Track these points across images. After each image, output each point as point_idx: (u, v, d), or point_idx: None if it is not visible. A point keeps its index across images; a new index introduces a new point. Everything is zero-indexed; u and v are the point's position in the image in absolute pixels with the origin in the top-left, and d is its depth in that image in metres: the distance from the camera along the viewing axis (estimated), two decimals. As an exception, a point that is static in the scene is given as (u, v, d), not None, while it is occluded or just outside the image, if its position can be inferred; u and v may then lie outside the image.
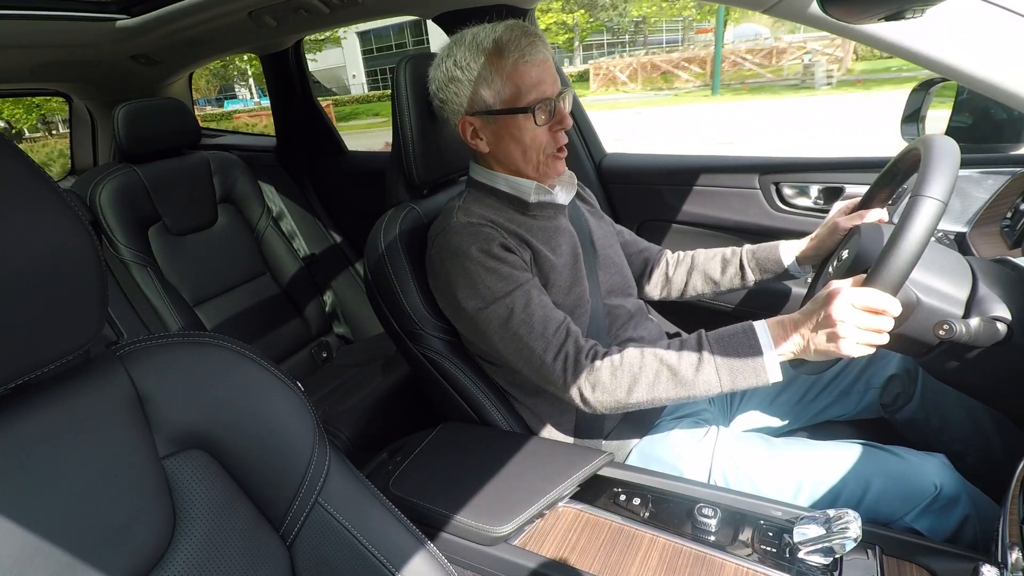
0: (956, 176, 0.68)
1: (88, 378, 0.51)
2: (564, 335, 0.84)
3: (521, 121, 0.89)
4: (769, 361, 0.76)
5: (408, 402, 1.51)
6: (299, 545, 0.58)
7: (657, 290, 1.20)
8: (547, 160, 0.93)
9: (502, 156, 0.94)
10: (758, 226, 1.48)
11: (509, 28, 0.87)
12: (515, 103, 0.88)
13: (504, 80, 0.87)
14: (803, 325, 0.74)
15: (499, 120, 0.90)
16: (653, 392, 0.79)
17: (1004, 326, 0.71)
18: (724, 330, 0.80)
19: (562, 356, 0.83)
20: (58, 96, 2.22)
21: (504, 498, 0.80)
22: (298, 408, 0.60)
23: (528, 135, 0.90)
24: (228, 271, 1.73)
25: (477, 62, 0.87)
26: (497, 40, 0.86)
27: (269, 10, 1.48)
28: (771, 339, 0.76)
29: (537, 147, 0.91)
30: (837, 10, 0.72)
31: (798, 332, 0.74)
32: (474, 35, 0.89)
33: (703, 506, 0.76)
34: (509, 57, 0.86)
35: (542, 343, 0.83)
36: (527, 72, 0.87)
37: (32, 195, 0.43)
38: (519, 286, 0.86)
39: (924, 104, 1.24)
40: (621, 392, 0.80)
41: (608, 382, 0.80)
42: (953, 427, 0.97)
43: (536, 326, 0.84)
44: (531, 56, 0.86)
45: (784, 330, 0.76)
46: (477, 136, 0.93)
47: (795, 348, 0.75)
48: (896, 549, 0.69)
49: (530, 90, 0.87)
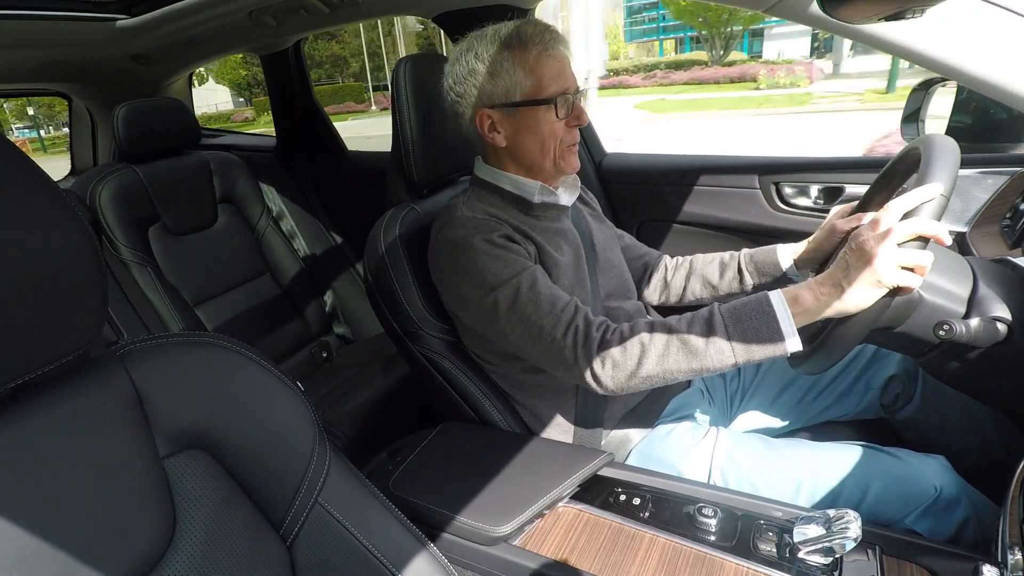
0: (957, 172, 0.69)
1: (88, 378, 0.50)
2: (573, 310, 0.82)
3: (542, 113, 0.89)
4: (785, 326, 0.72)
5: (408, 402, 1.51)
6: (299, 545, 0.58)
7: (656, 295, 1.20)
8: (563, 153, 0.93)
9: (519, 149, 0.94)
10: (758, 226, 1.48)
11: (531, 23, 0.89)
12: (537, 95, 0.89)
13: (526, 72, 0.88)
14: (832, 273, 0.70)
15: (519, 112, 0.90)
16: (664, 364, 0.76)
17: (1004, 326, 0.70)
18: (737, 301, 0.77)
19: (572, 331, 0.81)
20: (58, 96, 2.22)
21: (504, 498, 0.80)
22: (298, 408, 0.60)
23: (547, 127, 0.90)
24: (228, 271, 1.73)
25: (500, 55, 0.88)
26: (520, 33, 0.88)
27: (269, 10, 1.48)
28: (786, 301, 0.73)
29: (555, 140, 0.92)
30: (837, 10, 0.72)
31: (828, 281, 0.70)
32: (496, 30, 0.90)
33: (703, 506, 0.76)
34: (533, 50, 0.87)
35: (551, 319, 0.82)
36: (550, 65, 0.88)
37: (32, 195, 0.43)
38: (524, 269, 0.85)
39: (924, 104, 1.24)
40: (631, 364, 0.77)
41: (618, 355, 0.78)
42: (953, 427, 0.97)
43: (544, 304, 0.83)
44: (553, 50, 0.88)
45: (808, 288, 0.72)
46: (495, 129, 0.93)
47: (826, 299, 0.70)
48: (896, 549, 0.69)
49: (551, 83, 0.88)
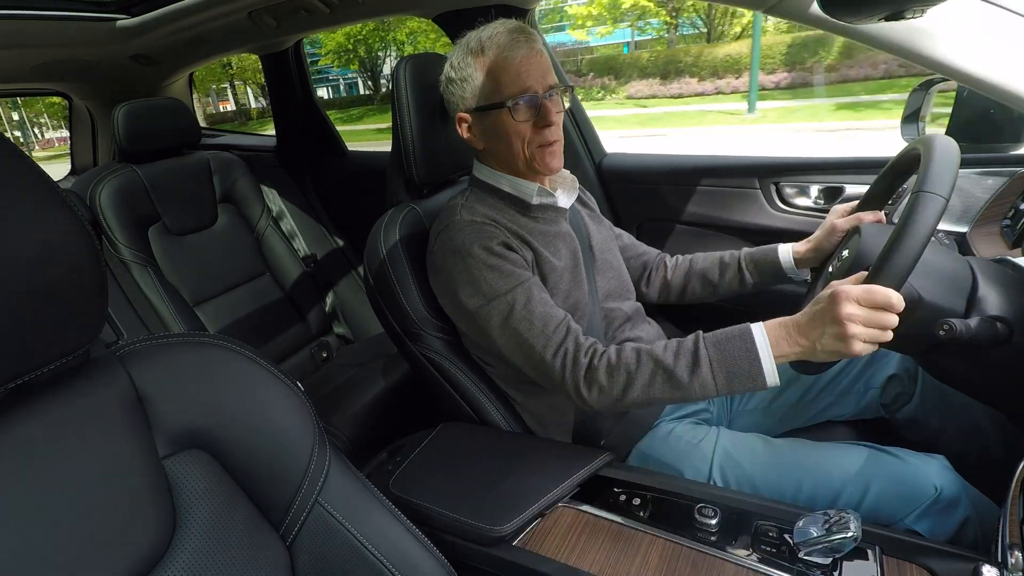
0: (957, 173, 0.68)
1: (88, 378, 0.50)
2: (564, 333, 0.84)
3: (502, 116, 0.90)
4: (766, 366, 0.74)
5: (408, 402, 1.51)
6: (299, 545, 0.58)
7: (656, 294, 1.20)
8: (534, 154, 0.92)
9: (495, 152, 0.95)
10: (758, 226, 1.48)
11: (494, 27, 0.90)
12: (494, 99, 0.90)
13: (485, 76, 0.90)
14: (808, 327, 0.72)
15: (486, 116, 0.92)
16: (649, 393, 0.79)
17: (1004, 326, 0.70)
18: (721, 332, 0.79)
19: (561, 353, 0.83)
20: (58, 96, 2.22)
21: (504, 498, 0.80)
22: (298, 408, 0.60)
23: (511, 129, 0.90)
24: (228, 271, 1.73)
25: (466, 61, 0.90)
26: (481, 39, 0.89)
27: (269, 10, 1.48)
28: (769, 343, 0.74)
29: (521, 142, 0.91)
30: (837, 10, 0.72)
31: (803, 335, 0.73)
32: (468, 37, 0.92)
33: (703, 506, 0.76)
34: (489, 53, 0.89)
35: (542, 340, 0.84)
36: (506, 68, 0.88)
37: (32, 195, 0.43)
38: (520, 283, 0.86)
39: (924, 104, 1.23)
40: (617, 391, 0.80)
41: (604, 381, 0.80)
42: (953, 427, 0.97)
43: (536, 323, 0.84)
44: (511, 52, 0.88)
45: (787, 332, 0.74)
46: (471, 132, 0.95)
47: (800, 350, 0.73)
48: (896, 549, 0.69)
49: (508, 85, 0.88)
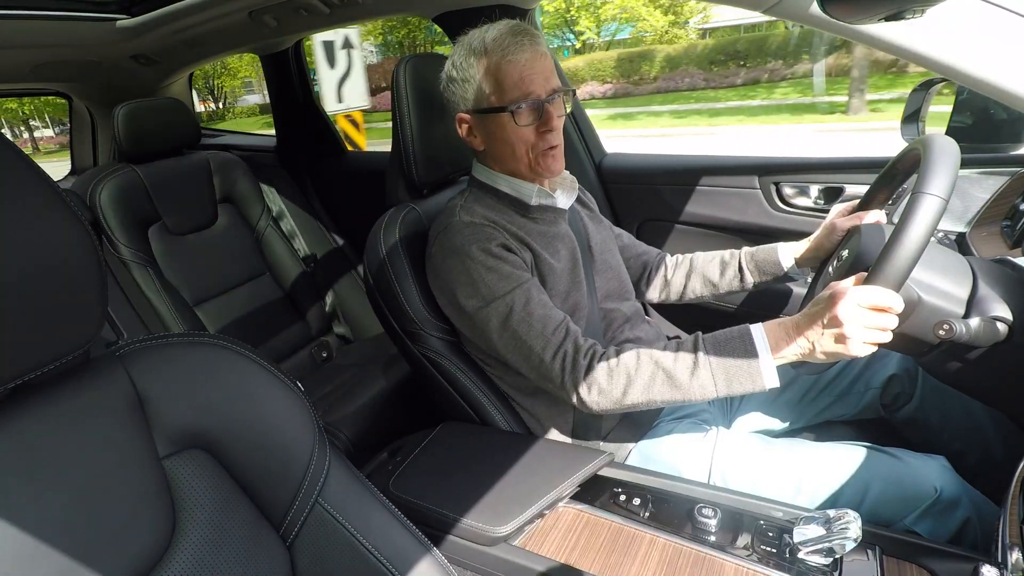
0: (957, 174, 0.68)
1: (88, 378, 0.50)
2: (563, 334, 0.84)
3: (504, 120, 0.89)
4: (765, 367, 0.74)
5: (408, 402, 1.50)
6: (299, 545, 0.58)
7: (656, 293, 1.20)
8: (537, 158, 0.92)
9: (495, 154, 0.95)
10: (758, 226, 1.48)
11: (498, 27, 0.89)
12: (497, 102, 0.89)
13: (488, 79, 0.89)
14: (807, 328, 0.72)
15: (487, 119, 0.91)
16: (648, 395, 0.79)
17: (1004, 326, 0.70)
18: (721, 333, 0.79)
19: (560, 355, 0.83)
20: (58, 96, 2.22)
21: (504, 498, 0.80)
22: (298, 408, 0.60)
23: (514, 134, 0.90)
24: (228, 271, 1.73)
25: (468, 62, 0.89)
26: (484, 40, 0.88)
27: (269, 10, 1.48)
28: (768, 344, 0.75)
29: (525, 145, 0.91)
30: (837, 10, 0.72)
31: (802, 335, 0.73)
32: (471, 37, 0.91)
33: (703, 506, 0.76)
34: (493, 56, 0.87)
35: (541, 342, 0.84)
36: (510, 71, 0.87)
37: (32, 195, 0.43)
38: (519, 285, 0.86)
39: (924, 104, 1.23)
40: (616, 393, 0.80)
41: (604, 383, 0.80)
42: (953, 427, 0.97)
43: (536, 325, 0.84)
44: (514, 55, 0.87)
45: (786, 333, 0.74)
46: (472, 133, 0.95)
47: (799, 351, 0.73)
48: (896, 550, 0.69)
49: (511, 89, 0.88)
